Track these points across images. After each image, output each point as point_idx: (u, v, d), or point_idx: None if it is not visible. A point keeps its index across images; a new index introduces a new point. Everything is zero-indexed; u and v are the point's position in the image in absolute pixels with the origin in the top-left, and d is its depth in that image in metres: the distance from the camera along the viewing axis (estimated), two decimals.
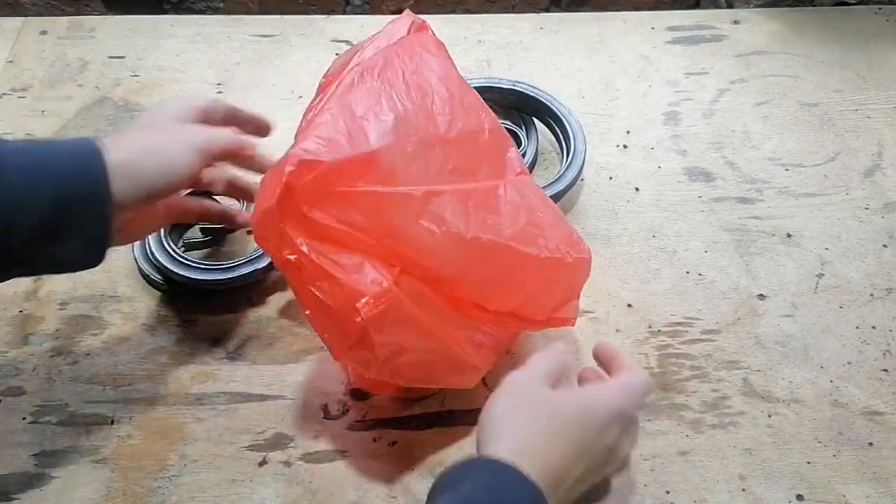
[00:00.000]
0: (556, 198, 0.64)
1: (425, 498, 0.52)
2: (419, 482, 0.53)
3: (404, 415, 0.56)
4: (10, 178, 0.42)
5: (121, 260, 0.62)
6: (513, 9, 0.87)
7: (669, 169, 0.71)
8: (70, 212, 0.43)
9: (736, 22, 0.83)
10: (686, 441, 0.55)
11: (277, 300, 0.62)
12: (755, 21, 0.84)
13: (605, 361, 0.50)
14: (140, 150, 0.47)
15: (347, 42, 0.80)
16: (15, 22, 0.81)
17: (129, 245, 0.61)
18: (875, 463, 0.54)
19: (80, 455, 0.54)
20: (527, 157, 0.68)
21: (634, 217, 0.67)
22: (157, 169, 0.47)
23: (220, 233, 0.65)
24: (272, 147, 0.70)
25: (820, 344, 0.60)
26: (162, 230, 0.60)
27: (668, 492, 0.53)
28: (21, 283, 0.61)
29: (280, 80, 0.77)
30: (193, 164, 0.48)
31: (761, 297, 0.63)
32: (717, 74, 0.78)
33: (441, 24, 0.82)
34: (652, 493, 0.53)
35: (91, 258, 0.46)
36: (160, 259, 0.60)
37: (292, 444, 0.54)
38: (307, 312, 0.46)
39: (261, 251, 0.61)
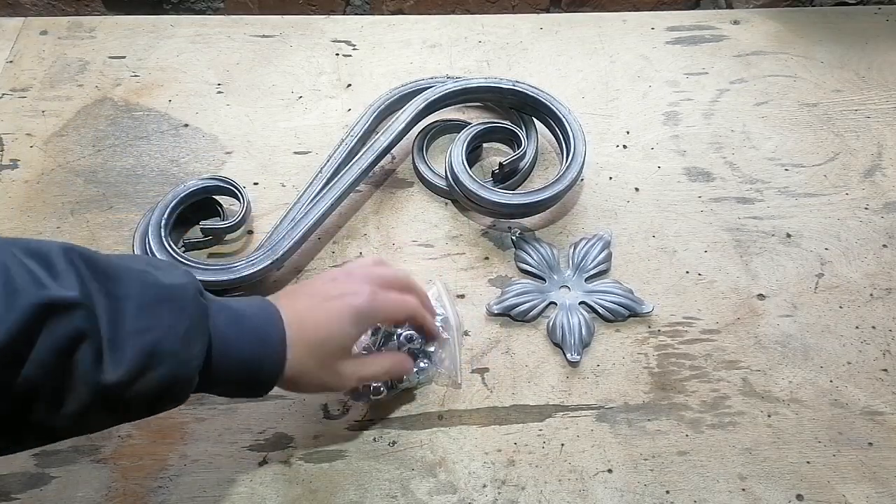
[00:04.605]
0: (557, 198, 0.64)
1: (425, 498, 0.52)
2: (419, 482, 0.53)
3: (404, 415, 0.56)
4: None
5: None
6: (513, 9, 0.87)
7: (669, 169, 0.71)
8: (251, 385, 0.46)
9: (736, 22, 0.83)
10: (686, 441, 0.55)
11: None
12: (755, 21, 0.84)
13: None
14: (311, 371, 0.47)
15: (347, 42, 0.80)
16: (15, 22, 0.81)
17: (130, 244, 0.61)
18: (875, 463, 0.54)
19: (80, 455, 0.54)
20: (527, 158, 0.68)
21: (634, 217, 0.67)
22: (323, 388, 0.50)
23: (220, 233, 0.65)
24: (271, 147, 0.71)
25: (820, 344, 0.60)
26: (162, 230, 0.60)
27: (668, 492, 0.53)
28: None
29: (280, 80, 0.77)
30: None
31: (761, 297, 0.63)
32: (717, 74, 0.78)
33: (441, 24, 0.83)
34: (652, 493, 0.53)
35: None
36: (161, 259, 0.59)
37: (292, 444, 0.55)
38: None
39: (261, 252, 0.60)
